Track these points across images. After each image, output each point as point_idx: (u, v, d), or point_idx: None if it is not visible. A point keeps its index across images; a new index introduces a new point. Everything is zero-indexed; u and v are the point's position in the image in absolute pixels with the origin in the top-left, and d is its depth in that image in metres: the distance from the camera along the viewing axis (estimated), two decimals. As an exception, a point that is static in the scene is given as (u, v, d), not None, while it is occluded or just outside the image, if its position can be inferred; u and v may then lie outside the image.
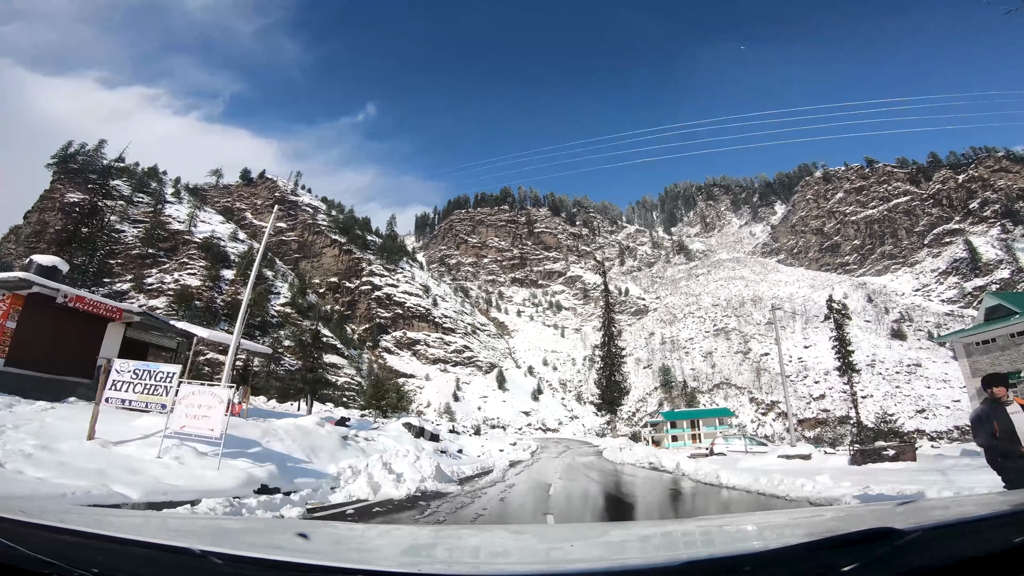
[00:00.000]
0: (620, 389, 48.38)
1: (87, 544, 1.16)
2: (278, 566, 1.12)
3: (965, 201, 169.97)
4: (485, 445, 30.54)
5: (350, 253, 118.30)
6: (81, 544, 1.16)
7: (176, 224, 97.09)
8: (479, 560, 1.63)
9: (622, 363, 49.29)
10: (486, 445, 30.69)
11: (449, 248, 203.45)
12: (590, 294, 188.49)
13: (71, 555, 1.09)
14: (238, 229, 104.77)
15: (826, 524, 1.85)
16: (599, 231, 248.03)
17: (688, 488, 11.84)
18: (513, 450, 30.23)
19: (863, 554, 1.00)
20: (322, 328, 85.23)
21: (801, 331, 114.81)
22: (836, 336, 37.68)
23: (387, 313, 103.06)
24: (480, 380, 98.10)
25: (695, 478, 13.96)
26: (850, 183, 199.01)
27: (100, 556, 1.11)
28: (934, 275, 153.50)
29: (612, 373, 48.29)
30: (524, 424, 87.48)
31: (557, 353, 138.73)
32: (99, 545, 1.16)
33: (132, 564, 1.12)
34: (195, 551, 1.10)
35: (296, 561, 1.15)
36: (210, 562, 1.08)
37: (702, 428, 53.99)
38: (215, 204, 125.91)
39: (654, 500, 10.26)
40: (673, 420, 59.28)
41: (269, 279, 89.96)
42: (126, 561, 1.12)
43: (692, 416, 61.01)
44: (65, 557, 1.07)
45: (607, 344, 49.65)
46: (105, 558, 1.10)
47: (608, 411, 49.20)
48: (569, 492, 11.24)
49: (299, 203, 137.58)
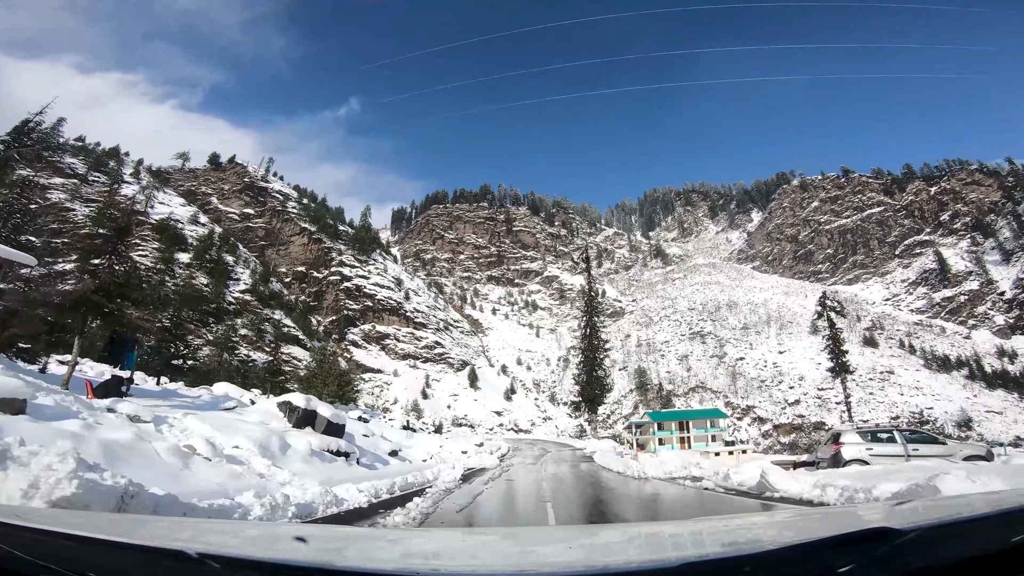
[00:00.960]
0: (602, 386, 44.81)
1: (82, 548, 1.15)
2: (276, 569, 1.10)
3: (936, 213, 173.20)
4: (444, 446, 26.00)
5: (320, 242, 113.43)
6: (76, 548, 1.14)
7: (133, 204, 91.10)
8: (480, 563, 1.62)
9: (605, 357, 46.17)
10: (445, 446, 26.11)
11: (425, 243, 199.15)
12: (567, 294, 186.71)
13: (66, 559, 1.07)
14: (199, 212, 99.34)
15: (824, 524, 1.86)
16: (578, 232, 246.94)
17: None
18: (478, 453, 25.52)
19: (862, 554, 0.99)
20: (284, 318, 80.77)
21: (776, 337, 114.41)
22: (829, 335, 35.65)
23: (356, 305, 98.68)
24: (451, 378, 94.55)
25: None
26: (826, 192, 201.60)
27: (95, 559, 1.10)
28: (904, 285, 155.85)
29: (593, 369, 44.73)
30: (496, 424, 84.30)
31: (532, 353, 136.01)
32: (94, 549, 1.15)
33: (127, 567, 1.11)
34: (191, 554, 1.08)
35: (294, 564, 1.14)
36: (207, 565, 1.06)
37: (692, 431, 49.82)
38: (178, 187, 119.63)
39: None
40: (660, 421, 54.31)
41: (229, 264, 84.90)
42: (121, 564, 1.11)
43: (681, 417, 56.44)
44: (60, 561, 1.05)
45: (589, 336, 45.97)
46: (100, 561, 1.09)
47: (588, 410, 45.86)
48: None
49: (269, 190, 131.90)
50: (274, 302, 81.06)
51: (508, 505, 9.61)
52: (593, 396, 44.33)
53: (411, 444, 22.02)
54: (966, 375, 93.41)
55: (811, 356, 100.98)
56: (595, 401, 44.72)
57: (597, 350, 45.55)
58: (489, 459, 24.02)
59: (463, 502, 9.13)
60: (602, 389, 44.95)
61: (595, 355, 45.24)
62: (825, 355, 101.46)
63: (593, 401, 44.52)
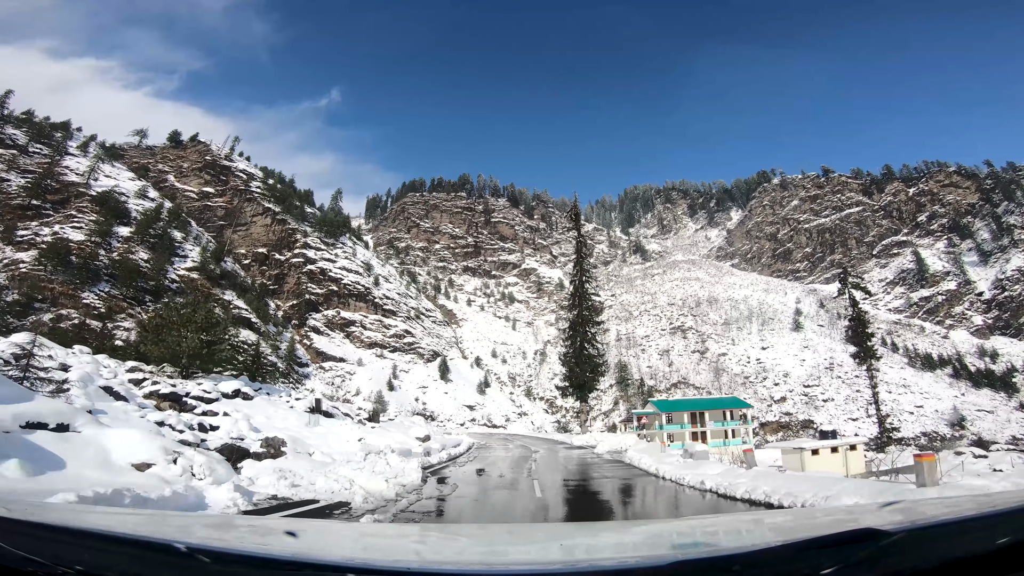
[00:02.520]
0: (595, 368, 37.27)
1: (71, 540, 1.13)
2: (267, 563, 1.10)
3: (914, 214, 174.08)
4: (367, 440, 17.09)
5: (284, 223, 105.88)
6: (65, 540, 1.13)
7: (73, 176, 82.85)
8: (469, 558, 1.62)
9: (599, 330, 39.76)
10: (367, 440, 17.15)
11: (399, 231, 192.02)
12: (544, 287, 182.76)
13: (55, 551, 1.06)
14: (149, 186, 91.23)
15: (812, 525, 1.92)
16: (557, 226, 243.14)
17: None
18: (415, 451, 17.59)
19: (848, 555, 1.00)
20: (236, 299, 73.59)
21: (758, 333, 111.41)
22: (853, 316, 30.89)
23: (319, 289, 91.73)
24: (420, 369, 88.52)
25: None
26: (805, 191, 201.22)
27: (84, 553, 1.08)
28: (882, 285, 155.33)
29: (584, 345, 37.00)
30: (468, 419, 78.71)
31: (507, 346, 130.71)
32: (83, 542, 1.13)
33: (117, 561, 1.09)
34: (181, 548, 1.07)
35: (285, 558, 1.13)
36: (197, 559, 1.05)
37: (709, 424, 40.77)
38: (132, 163, 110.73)
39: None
40: (668, 412, 44.73)
41: (177, 241, 77.35)
42: (111, 558, 1.09)
43: (694, 407, 47.38)
44: (49, 554, 1.04)
45: (578, 304, 38.30)
46: (89, 555, 1.07)
47: (577, 398, 38.83)
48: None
49: (233, 169, 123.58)
50: (225, 281, 73.82)
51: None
52: (583, 380, 36.74)
53: (306, 436, 15.04)
54: (950, 374, 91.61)
55: (794, 353, 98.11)
56: (585, 387, 37.33)
57: (589, 322, 37.67)
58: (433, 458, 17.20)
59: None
60: (595, 371, 37.34)
61: (587, 328, 37.30)
62: (811, 351, 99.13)
63: (583, 387, 37.12)
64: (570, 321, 39.83)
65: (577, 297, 38.84)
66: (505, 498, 10.54)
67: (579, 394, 38.22)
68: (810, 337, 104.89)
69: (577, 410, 43.08)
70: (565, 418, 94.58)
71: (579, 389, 37.63)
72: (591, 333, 37.93)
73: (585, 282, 38.96)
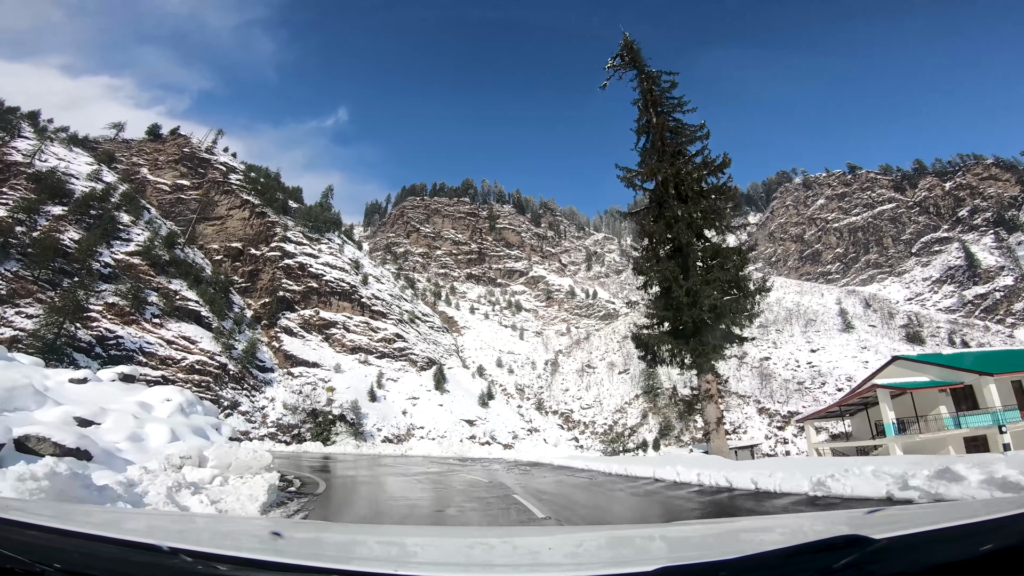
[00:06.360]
0: (738, 282, 19.82)
1: (52, 539, 1.10)
2: (252, 564, 1.07)
3: (953, 209, 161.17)
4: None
5: (263, 216, 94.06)
6: (46, 539, 1.10)
7: (18, 156, 71.81)
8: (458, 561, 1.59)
9: (730, 217, 21.21)
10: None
11: (398, 235, 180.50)
12: (553, 296, 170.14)
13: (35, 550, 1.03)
14: (104, 169, 79.93)
15: (800, 531, 1.90)
16: (565, 235, 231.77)
17: None
18: None
19: (833, 561, 1.00)
20: (184, 289, 61.26)
21: (802, 335, 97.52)
22: None
23: (296, 286, 79.24)
24: (412, 378, 75.29)
25: None
26: (832, 189, 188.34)
27: (65, 552, 1.05)
28: (927, 284, 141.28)
29: (693, 243, 19.53)
30: (466, 436, 65.20)
31: (515, 355, 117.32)
32: (64, 540, 1.11)
33: (98, 561, 1.06)
34: (164, 548, 1.05)
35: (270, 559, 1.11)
36: (180, 560, 1.03)
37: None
38: (103, 154, 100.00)
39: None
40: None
41: (124, 224, 65.44)
42: (92, 558, 1.06)
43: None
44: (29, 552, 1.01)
45: (668, 159, 20.31)
46: (70, 554, 1.05)
47: (692, 366, 19.65)
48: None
49: (212, 162, 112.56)
50: (174, 269, 61.56)
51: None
52: (700, 324, 18.17)
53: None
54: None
55: (852, 354, 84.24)
56: (705, 333, 18.66)
57: (699, 199, 19.81)
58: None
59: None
60: (738, 297, 19.40)
61: (695, 210, 19.25)
62: (872, 352, 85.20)
63: (701, 331, 18.50)
64: (650, 200, 21.27)
65: (658, 150, 21.01)
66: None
67: (694, 353, 18.91)
68: (865, 338, 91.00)
69: (691, 389, 21.64)
70: (585, 434, 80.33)
71: (692, 337, 18.71)
72: (715, 220, 19.79)
73: (676, 128, 21.53)
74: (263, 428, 54.76)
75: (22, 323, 44.08)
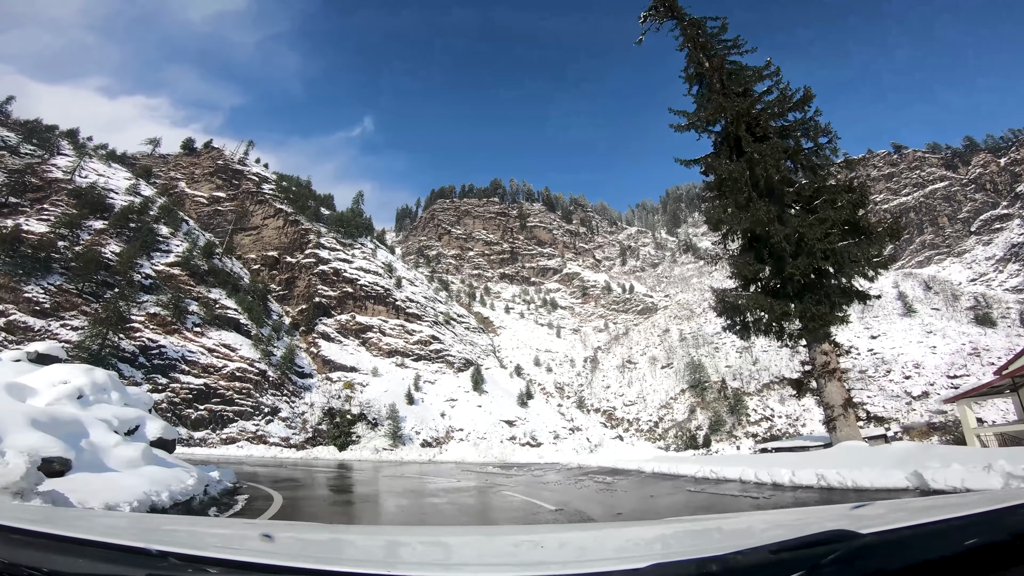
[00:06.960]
0: (859, 228, 16.54)
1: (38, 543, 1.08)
2: (242, 567, 1.06)
3: (1011, 185, 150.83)
4: None
5: (296, 224, 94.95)
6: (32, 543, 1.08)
7: (58, 173, 74.01)
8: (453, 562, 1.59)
9: (829, 156, 17.04)
10: None
11: (430, 239, 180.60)
12: (589, 292, 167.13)
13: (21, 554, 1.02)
14: (142, 183, 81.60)
15: (787, 526, 1.93)
16: (598, 230, 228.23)
17: None
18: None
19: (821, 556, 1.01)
20: (224, 298, 61.54)
21: (859, 321, 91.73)
22: None
23: (332, 292, 79.25)
24: (449, 379, 74.07)
25: None
26: (878, 170, 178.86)
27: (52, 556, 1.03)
28: (990, 263, 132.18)
29: (791, 178, 17.43)
30: (506, 437, 63.45)
31: (552, 353, 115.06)
32: (51, 544, 1.08)
33: (85, 565, 1.03)
34: (153, 551, 1.03)
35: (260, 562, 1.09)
36: (169, 563, 1.01)
37: None
38: (141, 170, 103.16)
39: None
40: None
41: (164, 236, 66.39)
42: (79, 562, 1.04)
43: None
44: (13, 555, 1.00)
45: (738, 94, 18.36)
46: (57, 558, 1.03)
47: (800, 321, 16.52)
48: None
49: (245, 173, 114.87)
50: (212, 279, 62.01)
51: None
52: (808, 278, 15.94)
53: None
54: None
55: (917, 340, 78.61)
56: (822, 306, 15.70)
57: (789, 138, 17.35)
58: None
59: None
60: (858, 260, 15.90)
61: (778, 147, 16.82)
62: (939, 337, 79.41)
63: (808, 292, 15.85)
64: (716, 144, 19.07)
65: (718, 92, 18.61)
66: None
67: (804, 316, 15.87)
68: (930, 322, 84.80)
69: (806, 363, 17.14)
70: (629, 431, 77.45)
71: (800, 302, 15.77)
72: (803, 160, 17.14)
73: (734, 71, 19.05)
74: (303, 434, 54.30)
75: (68, 335, 44.61)
